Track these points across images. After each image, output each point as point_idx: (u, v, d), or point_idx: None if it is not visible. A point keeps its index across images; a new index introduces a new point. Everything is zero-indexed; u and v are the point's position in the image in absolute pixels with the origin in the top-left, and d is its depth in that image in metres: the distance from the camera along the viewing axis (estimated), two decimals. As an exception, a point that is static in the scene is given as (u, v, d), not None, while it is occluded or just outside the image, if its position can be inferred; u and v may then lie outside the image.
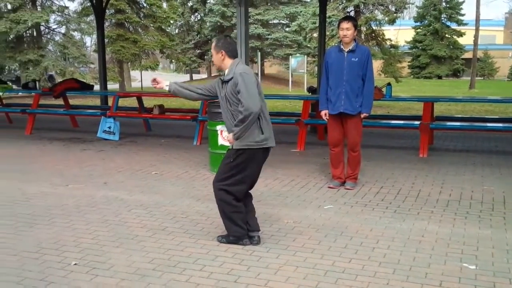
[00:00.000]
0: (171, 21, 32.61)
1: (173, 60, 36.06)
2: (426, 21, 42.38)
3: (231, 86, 3.97)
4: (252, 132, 3.96)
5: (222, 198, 4.06)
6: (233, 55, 4.11)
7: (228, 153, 4.11)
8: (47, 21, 26.12)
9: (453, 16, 41.53)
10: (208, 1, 36.63)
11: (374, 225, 4.65)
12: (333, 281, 3.49)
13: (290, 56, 31.80)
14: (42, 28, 26.82)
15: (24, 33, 25.91)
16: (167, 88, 4.33)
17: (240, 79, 3.91)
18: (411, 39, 42.86)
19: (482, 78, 41.55)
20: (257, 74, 28.66)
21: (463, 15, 41.56)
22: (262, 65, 33.35)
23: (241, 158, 4.00)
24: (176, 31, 38.48)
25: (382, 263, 3.79)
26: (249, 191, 4.23)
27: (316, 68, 23.62)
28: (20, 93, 19.63)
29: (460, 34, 41.44)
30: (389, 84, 8.79)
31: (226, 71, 4.08)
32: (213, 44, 4.18)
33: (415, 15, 43.80)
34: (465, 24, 40.63)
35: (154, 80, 4.42)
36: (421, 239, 4.30)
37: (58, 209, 5.20)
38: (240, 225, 4.09)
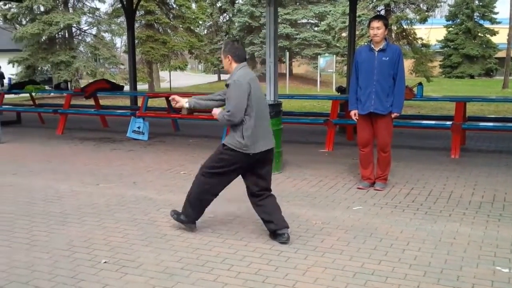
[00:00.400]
0: (200, 22, 32.87)
1: (201, 61, 36.28)
2: (458, 20, 41.58)
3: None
4: (234, 135, 4.14)
5: (198, 181, 4.36)
6: (239, 59, 4.25)
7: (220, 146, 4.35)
8: (79, 22, 26.59)
9: (486, 14, 40.64)
10: (236, 2, 36.75)
11: (404, 227, 4.57)
12: (362, 283, 3.45)
13: (318, 56, 31.64)
14: (73, 29, 27.33)
15: (56, 35, 26.43)
16: (187, 105, 4.42)
17: (231, 86, 4.08)
18: (443, 38, 42.09)
19: (516, 77, 40.51)
20: (284, 74, 28.61)
21: (496, 13, 40.63)
22: (290, 65, 33.28)
23: (227, 154, 4.20)
24: (205, 31, 38.72)
25: (412, 265, 3.73)
26: (271, 192, 4.34)
27: (345, 68, 23.48)
28: (51, 94, 20.01)
29: (493, 33, 40.51)
30: (420, 83, 8.65)
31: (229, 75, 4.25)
32: (222, 49, 4.30)
33: (447, 14, 43.03)
34: (499, 23, 39.70)
35: (173, 99, 4.54)
36: (453, 241, 4.21)
37: (89, 207, 5.28)
38: (196, 212, 4.42)
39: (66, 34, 27.22)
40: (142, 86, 28.71)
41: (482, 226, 4.57)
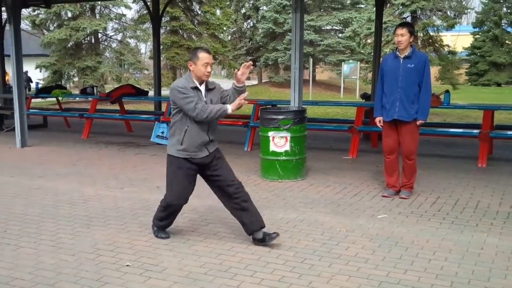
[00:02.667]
0: (224, 28, 33.05)
1: (224, 66, 36.46)
2: (486, 27, 40.95)
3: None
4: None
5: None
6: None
7: (219, 150, 4.47)
8: (105, 28, 27.01)
9: (514, 21, 39.96)
10: (261, 8, 36.85)
11: (430, 236, 4.50)
12: (387, 292, 3.40)
13: (342, 62, 31.49)
14: (99, 35, 27.75)
15: (83, 40, 26.87)
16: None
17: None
18: (469, 45, 41.52)
19: (545, 85, 39.71)
20: (308, 80, 28.54)
21: (525, 20, 39.93)
22: (313, 71, 33.18)
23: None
24: (229, 37, 38.92)
25: (439, 275, 3.66)
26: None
27: (369, 75, 23.32)
28: (77, 98, 20.31)
29: (521, 40, 39.82)
30: (447, 91, 8.53)
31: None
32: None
33: (474, 21, 42.43)
34: (527, 30, 39.04)
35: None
36: (480, 251, 4.12)
37: (113, 211, 5.32)
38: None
39: (93, 40, 27.67)
40: (166, 91, 28.98)
41: (510, 237, 4.47)
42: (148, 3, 15.31)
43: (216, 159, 4.33)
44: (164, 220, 4.46)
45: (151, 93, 16.31)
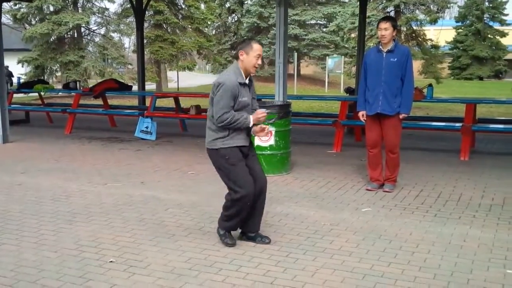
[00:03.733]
0: (209, 22, 32.90)
1: (209, 61, 36.32)
2: (468, 21, 41.40)
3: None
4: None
5: None
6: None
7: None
8: (88, 22, 26.73)
9: (496, 16, 40.43)
10: (245, 2, 36.76)
11: (413, 229, 4.54)
12: (371, 285, 3.42)
13: (327, 57, 31.58)
14: (82, 29, 27.46)
15: (65, 35, 26.57)
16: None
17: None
18: (452, 39, 41.91)
19: (526, 79, 40.25)
20: (292, 74, 28.57)
21: (506, 15, 40.42)
22: (298, 65, 33.23)
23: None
24: (213, 32, 38.76)
25: (422, 267, 3.69)
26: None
27: (353, 69, 23.41)
28: (60, 93, 20.10)
29: (503, 35, 40.29)
30: (430, 85, 8.60)
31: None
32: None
33: (457, 15, 42.81)
34: (508, 24, 39.50)
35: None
36: (463, 244, 4.17)
37: (97, 207, 5.28)
38: None
39: (75, 34, 27.37)
40: (150, 86, 28.76)
41: (493, 229, 4.52)
42: (131, -3, 15.16)
43: (251, 151, 4.25)
44: (234, 218, 4.10)
45: (135, 87, 16.20)
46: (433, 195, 5.68)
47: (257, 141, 6.72)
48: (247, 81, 4.09)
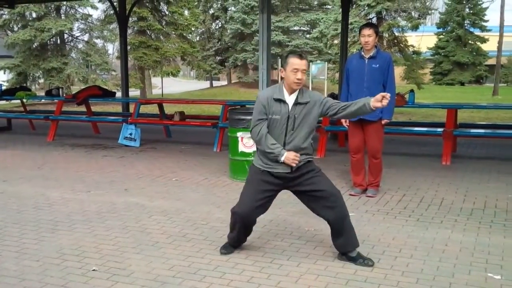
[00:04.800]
0: (193, 29, 32.92)
1: (194, 67, 36.32)
2: (449, 27, 41.98)
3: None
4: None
5: (345, 204, 4.06)
6: None
7: (309, 167, 3.95)
8: (71, 29, 26.60)
9: (477, 22, 41.05)
10: (229, 9, 36.86)
11: (396, 234, 4.58)
12: (354, 290, 3.44)
13: (310, 63, 31.75)
14: (65, 36, 27.29)
15: (48, 41, 26.38)
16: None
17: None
18: (434, 45, 42.44)
19: (506, 84, 40.88)
20: (277, 80, 28.66)
21: (486, 21, 41.07)
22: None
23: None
24: (197, 38, 38.79)
25: (405, 272, 3.73)
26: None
27: (337, 75, 23.56)
28: (43, 100, 19.91)
29: (484, 40, 40.93)
30: (412, 90, 8.69)
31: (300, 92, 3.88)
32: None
33: (438, 21, 43.39)
34: (489, 30, 40.12)
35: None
36: (445, 248, 4.21)
37: (80, 215, 5.24)
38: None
39: (58, 41, 27.19)
40: (134, 92, 28.64)
41: (474, 233, 4.58)
42: (115, 3, 15.15)
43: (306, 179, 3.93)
44: (232, 230, 4.07)
45: (119, 94, 16.13)
46: (416, 199, 5.74)
47: (241, 147, 6.74)
48: (287, 99, 3.82)
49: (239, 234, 4.07)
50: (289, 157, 3.80)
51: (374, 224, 4.85)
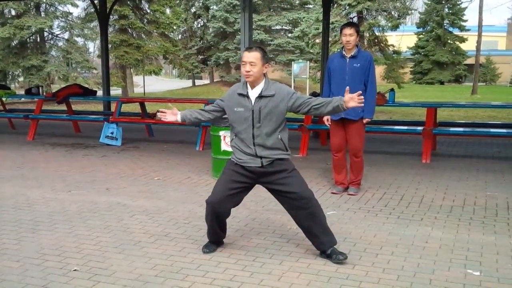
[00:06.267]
0: (174, 27, 32.78)
1: (175, 66, 36.18)
2: (429, 27, 42.46)
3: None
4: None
5: (319, 207, 3.95)
6: None
7: (283, 165, 3.94)
8: (51, 27, 26.31)
9: (456, 22, 41.58)
10: (211, 7, 36.77)
11: (377, 231, 4.62)
12: (336, 287, 3.47)
13: (292, 62, 31.85)
14: (45, 33, 26.97)
15: (28, 39, 26.04)
16: (179, 118, 4.21)
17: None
18: (414, 45, 42.89)
19: (484, 83, 41.53)
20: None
21: (465, 21, 41.62)
22: (264, 70, 33.38)
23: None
24: (179, 36, 38.64)
25: (386, 269, 3.77)
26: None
27: (318, 74, 23.67)
28: (22, 99, 19.66)
29: (463, 40, 41.49)
30: (392, 89, 8.78)
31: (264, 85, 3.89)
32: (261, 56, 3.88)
33: (418, 21, 43.85)
34: (468, 30, 40.67)
35: (162, 112, 4.24)
36: (425, 245, 4.27)
37: (60, 215, 5.19)
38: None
39: (38, 39, 26.86)
40: (115, 91, 28.43)
41: (453, 230, 4.65)
42: (95, 1, 15.00)
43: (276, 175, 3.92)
44: (207, 222, 4.07)
45: (100, 92, 15.99)
46: (396, 197, 5.80)
47: (224, 146, 6.73)
48: (250, 93, 3.85)
49: (213, 225, 4.03)
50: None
51: (355, 222, 4.90)
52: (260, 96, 3.84)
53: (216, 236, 4.16)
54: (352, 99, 3.79)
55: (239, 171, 3.94)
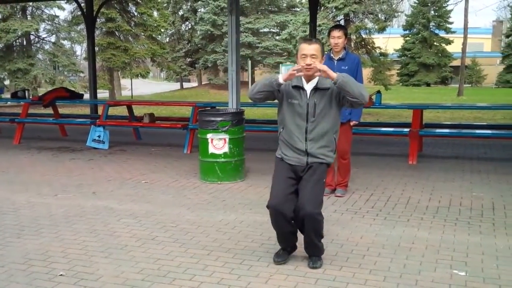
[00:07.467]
0: (162, 30, 32.70)
1: (163, 69, 36.08)
2: (415, 29, 42.75)
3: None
4: (328, 149, 3.83)
5: (321, 220, 3.79)
6: None
7: (321, 169, 3.78)
8: (37, 30, 26.11)
9: (442, 24, 41.91)
10: (199, 10, 36.74)
11: (364, 233, 4.65)
12: (323, 289, 3.48)
13: (280, 64, 31.91)
14: (32, 37, 26.78)
15: (14, 42, 25.82)
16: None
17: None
18: (400, 47, 43.16)
19: (470, 85, 41.90)
20: (247, 82, 28.70)
21: (451, 23, 41.98)
22: (252, 73, 33.42)
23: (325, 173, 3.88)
24: (167, 39, 38.54)
25: (372, 270, 3.79)
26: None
27: (306, 76, 23.64)
28: (8, 102, 19.47)
29: (448, 42, 41.84)
30: (378, 91, 8.82)
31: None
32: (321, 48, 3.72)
33: (404, 24, 44.15)
34: (453, 32, 40.99)
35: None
36: (411, 246, 4.30)
37: (46, 219, 5.15)
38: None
39: (24, 42, 26.65)
40: (102, 94, 28.28)
41: (440, 231, 4.69)
42: (82, 4, 14.92)
43: (308, 175, 3.76)
44: (274, 228, 3.91)
45: (87, 96, 15.89)
46: (383, 198, 5.84)
47: (211, 149, 6.73)
48: (305, 85, 3.72)
49: (281, 228, 3.83)
50: (289, 73, 3.59)
51: (342, 224, 4.92)
52: (316, 89, 3.72)
53: (288, 241, 3.94)
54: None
55: (287, 167, 3.79)
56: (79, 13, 22.41)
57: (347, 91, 3.59)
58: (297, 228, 3.89)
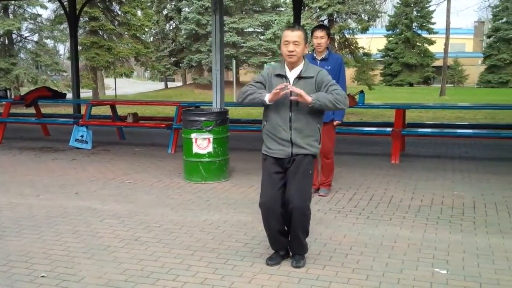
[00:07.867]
0: (146, 29, 32.51)
1: (147, 68, 35.89)
2: (398, 30, 43.09)
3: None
4: (314, 140, 3.83)
5: (309, 215, 3.84)
6: None
7: (306, 160, 3.78)
8: (19, 29, 25.80)
9: (424, 24, 42.29)
10: (183, 10, 36.61)
11: (347, 232, 4.68)
12: (306, 288, 3.50)
13: (265, 64, 31.94)
14: (14, 36, 26.46)
15: (-5, 41, 25.50)
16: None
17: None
18: (383, 47, 43.48)
19: (452, 85, 42.38)
20: (231, 82, 28.68)
21: (433, 23, 42.37)
22: (237, 73, 33.42)
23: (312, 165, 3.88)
24: (151, 39, 38.35)
25: (355, 269, 3.82)
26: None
27: (290, 76, 23.67)
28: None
29: (431, 42, 42.24)
30: (362, 91, 8.88)
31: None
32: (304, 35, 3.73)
33: (387, 24, 44.48)
34: (436, 33, 41.39)
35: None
36: (394, 244, 4.34)
37: (28, 220, 5.10)
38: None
39: (6, 41, 26.32)
40: (86, 93, 28.02)
41: (421, 229, 4.74)
42: (65, 3, 14.78)
43: (294, 167, 3.74)
44: (264, 228, 3.91)
45: (70, 95, 15.74)
46: (366, 198, 5.88)
47: (195, 149, 6.72)
48: (288, 74, 3.74)
49: (271, 228, 3.82)
50: (273, 92, 3.59)
51: (326, 223, 4.94)
52: (299, 77, 3.71)
53: (279, 243, 3.92)
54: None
55: (273, 161, 3.78)
56: (62, 12, 22.20)
57: (326, 109, 3.73)
58: (286, 226, 3.89)
